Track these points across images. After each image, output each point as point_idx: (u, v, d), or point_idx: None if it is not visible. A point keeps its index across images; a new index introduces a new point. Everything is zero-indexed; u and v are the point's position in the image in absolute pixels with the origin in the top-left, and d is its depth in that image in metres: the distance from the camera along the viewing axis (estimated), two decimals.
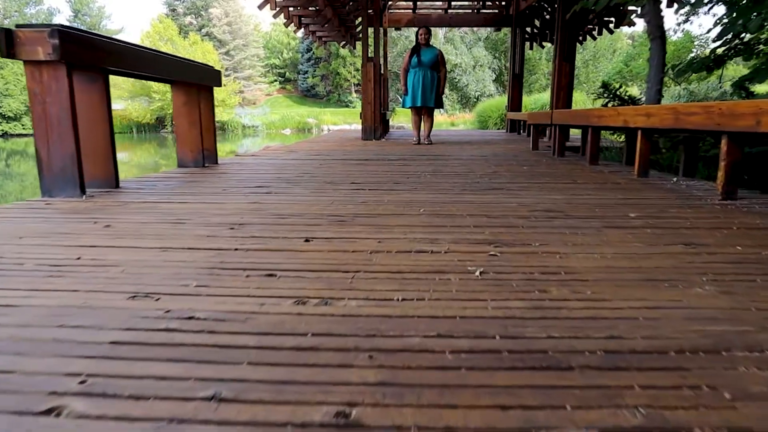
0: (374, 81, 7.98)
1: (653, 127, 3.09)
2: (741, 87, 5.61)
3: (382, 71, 10.01)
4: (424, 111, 6.84)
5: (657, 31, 4.75)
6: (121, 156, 18.38)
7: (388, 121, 10.91)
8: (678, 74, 5.70)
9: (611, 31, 11.16)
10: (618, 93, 6.03)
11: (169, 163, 14.50)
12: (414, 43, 6.79)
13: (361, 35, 8.20)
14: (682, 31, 15.97)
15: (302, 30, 10.83)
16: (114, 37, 3.30)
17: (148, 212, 2.07)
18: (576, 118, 4.41)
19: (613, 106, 6.33)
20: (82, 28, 2.18)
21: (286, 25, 9.73)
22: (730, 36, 5.29)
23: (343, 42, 12.91)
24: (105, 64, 2.67)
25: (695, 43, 16.95)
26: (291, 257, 1.42)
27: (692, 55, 17.16)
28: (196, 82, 3.82)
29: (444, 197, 2.47)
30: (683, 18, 15.20)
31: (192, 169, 3.79)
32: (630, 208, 2.21)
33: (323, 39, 12.47)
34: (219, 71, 4.23)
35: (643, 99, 6.04)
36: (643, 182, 3.15)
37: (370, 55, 7.99)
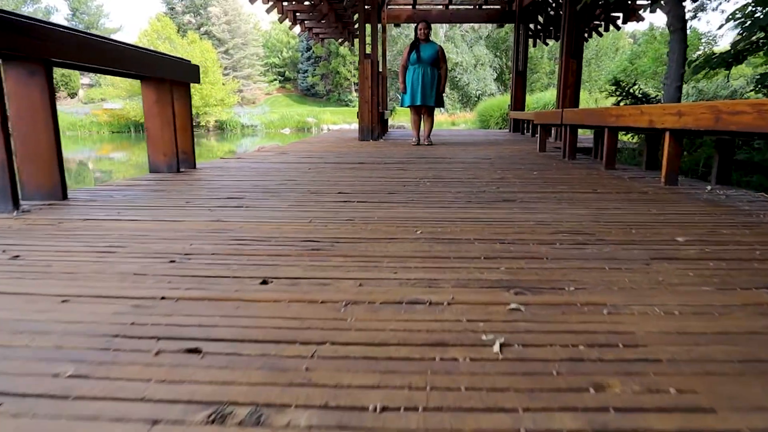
0: (372, 79, 7.58)
1: (685, 128, 2.69)
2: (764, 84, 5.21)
3: (380, 69, 9.61)
4: (423, 110, 6.44)
5: (678, 23, 4.35)
6: (120, 156, 18.14)
7: (386, 120, 10.51)
8: (695, 70, 5.30)
9: (618, 27, 10.75)
10: (631, 91, 5.63)
11: None
12: (413, 39, 6.38)
13: (358, 31, 7.79)
14: (690, 28, 15.53)
15: (298, 26, 10.43)
16: (63, 24, 2.91)
17: (81, 236, 1.67)
18: (590, 117, 4.02)
19: (625, 104, 5.93)
20: (21, 14, 1.77)
21: (281, 20, 9.33)
22: (752, 30, 4.89)
23: (341, 39, 12.50)
24: (48, 55, 2.27)
25: (702, 40, 16.52)
26: (233, 314, 1.02)
27: (698, 52, 16.75)
28: (168, 78, 3.42)
29: (446, 212, 2.07)
30: (690, 14, 14.78)
31: (164, 175, 3.39)
32: (673, 228, 1.81)
33: (320, 36, 12.07)
34: (197, 66, 3.83)
35: (659, 96, 5.65)
36: (672, 191, 2.75)
37: (367, 51, 7.58)
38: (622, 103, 5.88)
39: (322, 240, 1.59)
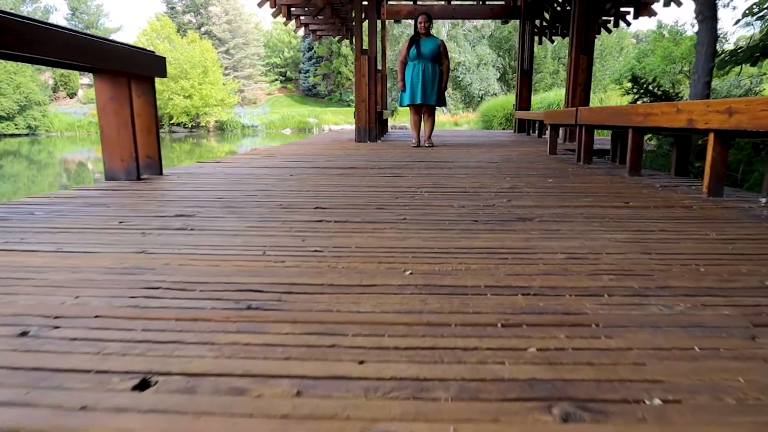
0: (369, 76, 7.12)
1: (738, 128, 2.20)
2: None
3: (380, 67, 9.14)
4: (424, 110, 5.96)
5: (708, 10, 3.86)
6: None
7: (386, 120, 10.03)
8: (721, 65, 4.81)
9: (628, 23, 10.26)
10: (650, 88, 5.14)
11: (167, 163, 13.56)
12: (413, 33, 5.91)
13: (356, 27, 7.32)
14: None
15: (293, 22, 9.96)
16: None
17: None
18: (612, 116, 3.53)
19: (643, 102, 5.44)
20: None
21: (274, 15, 8.86)
22: None
23: (339, 36, 12.03)
24: None
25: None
26: None
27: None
28: (126, 71, 2.95)
29: (446, 238, 1.59)
30: None
31: (119, 183, 2.92)
32: (753, 263, 1.33)
33: (318, 33, 11.59)
34: (162, 58, 3.36)
35: (683, 94, 5.16)
36: (721, 205, 2.26)
37: (364, 47, 7.11)
38: (639, 102, 5.39)
39: (267, 290, 1.11)
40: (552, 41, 11.65)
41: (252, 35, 44.26)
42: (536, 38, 10.41)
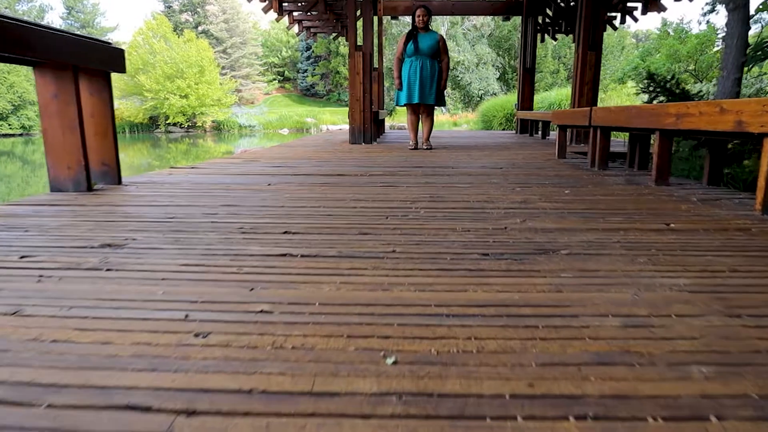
0: (364, 74, 6.69)
1: None
2: None
3: (376, 65, 8.72)
4: (422, 109, 5.53)
5: None
6: (120, 155, 17.17)
7: (382, 121, 9.61)
8: (752, 60, 4.39)
9: (635, 19, 9.83)
10: (668, 86, 4.70)
11: (162, 164, 13.19)
12: (410, 28, 5.47)
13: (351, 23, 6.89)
14: (707, 22, 14.55)
15: (286, 18, 9.53)
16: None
17: None
18: (635, 118, 3.10)
19: (660, 102, 5.00)
20: None
21: (265, 10, 8.41)
22: None
23: (334, 34, 11.60)
24: None
25: (720, 35, 15.54)
26: None
27: (716, 49, 15.78)
28: (73, 64, 2.52)
29: (446, 288, 1.16)
30: (709, 7, 13.82)
31: (64, 196, 2.49)
32: None
33: (312, 30, 11.16)
34: (119, 50, 2.92)
35: (704, 93, 4.73)
36: None
37: (358, 43, 6.69)
38: (655, 101, 4.96)
39: (156, 406, 0.68)
40: (555, 39, 11.22)
41: (250, 34, 43.81)
42: (538, 35, 9.99)
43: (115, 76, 2.92)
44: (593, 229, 1.75)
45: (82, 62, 2.60)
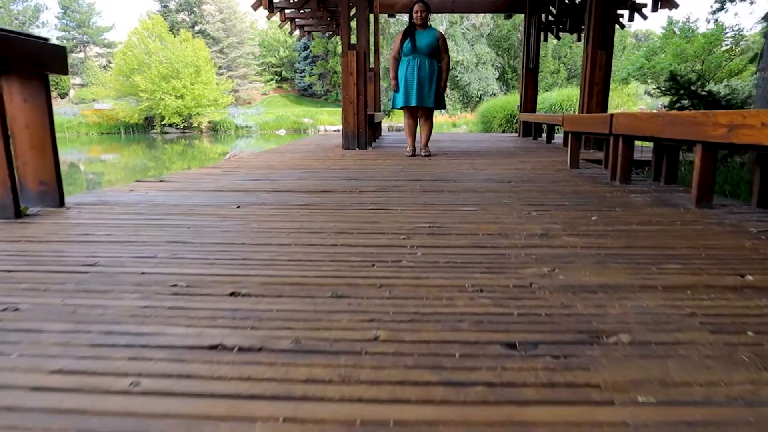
0: (358, 74, 6.23)
1: None
2: None
3: (372, 65, 8.25)
4: (420, 113, 5.07)
5: None
6: (113, 156, 16.79)
7: (378, 123, 9.15)
8: None
9: (645, 17, 9.38)
10: (693, 88, 4.26)
11: (158, 165, 12.71)
12: (408, 26, 5.01)
13: (347, 22, 6.43)
14: (715, 21, 14.10)
15: (277, 15, 9.06)
16: None
17: None
18: (669, 126, 2.64)
19: (679, 108, 4.55)
20: None
21: (254, 7, 7.94)
22: None
23: (329, 33, 11.14)
24: None
25: (728, 34, 15.10)
26: None
27: (723, 48, 15.35)
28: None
29: (457, 424, 0.71)
30: (718, 5, 13.38)
31: None
32: None
33: (305, 28, 10.70)
34: (60, 48, 2.45)
35: (737, 96, 4.28)
36: None
37: (352, 41, 6.23)
38: (677, 106, 4.51)
39: None
40: (558, 38, 10.79)
41: (247, 34, 43.34)
42: (542, 34, 9.55)
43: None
44: (649, 288, 1.29)
45: (9, 63, 2.14)
